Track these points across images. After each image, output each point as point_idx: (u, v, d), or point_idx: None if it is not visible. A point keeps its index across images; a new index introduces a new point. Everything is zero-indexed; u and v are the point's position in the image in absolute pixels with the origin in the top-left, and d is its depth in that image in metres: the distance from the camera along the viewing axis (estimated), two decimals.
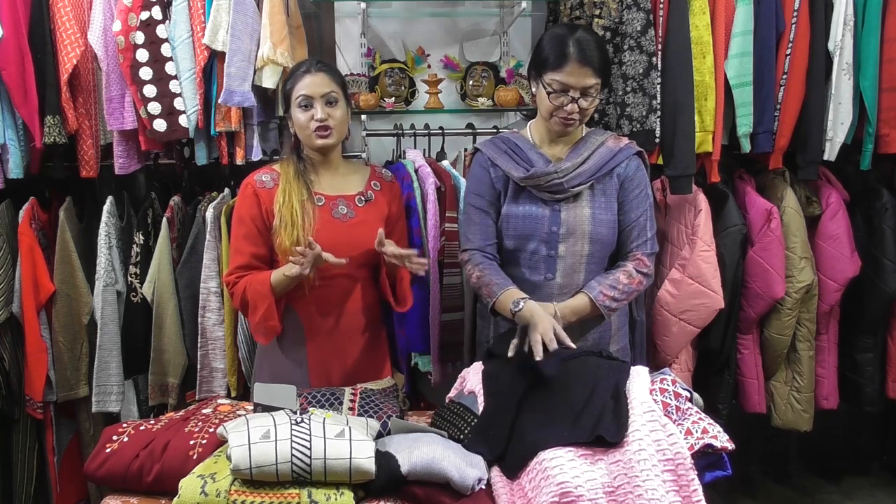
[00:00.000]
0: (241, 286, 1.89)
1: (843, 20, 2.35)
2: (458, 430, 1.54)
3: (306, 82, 1.88)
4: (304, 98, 1.88)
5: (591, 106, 1.82)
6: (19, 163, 2.27)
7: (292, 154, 1.97)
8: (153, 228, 2.44)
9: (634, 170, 1.90)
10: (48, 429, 2.51)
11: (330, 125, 1.89)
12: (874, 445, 3.19)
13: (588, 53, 1.77)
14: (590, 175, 1.86)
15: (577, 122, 1.84)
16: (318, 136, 1.89)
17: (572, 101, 1.79)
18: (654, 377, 1.54)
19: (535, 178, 1.86)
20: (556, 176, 1.85)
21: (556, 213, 1.87)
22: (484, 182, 1.96)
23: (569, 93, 1.79)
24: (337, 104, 1.90)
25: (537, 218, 1.88)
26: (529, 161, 1.90)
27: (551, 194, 1.87)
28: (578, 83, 1.77)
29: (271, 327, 1.89)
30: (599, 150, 1.88)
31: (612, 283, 1.85)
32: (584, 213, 1.87)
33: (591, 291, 1.84)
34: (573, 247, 1.87)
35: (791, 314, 2.49)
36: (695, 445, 1.37)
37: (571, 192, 1.85)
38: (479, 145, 2.03)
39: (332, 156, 1.98)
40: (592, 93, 1.80)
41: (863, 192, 2.61)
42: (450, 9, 2.99)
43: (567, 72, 1.77)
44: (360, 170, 2.07)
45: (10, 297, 2.36)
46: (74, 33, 2.20)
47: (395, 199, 2.08)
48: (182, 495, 1.32)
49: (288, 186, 1.90)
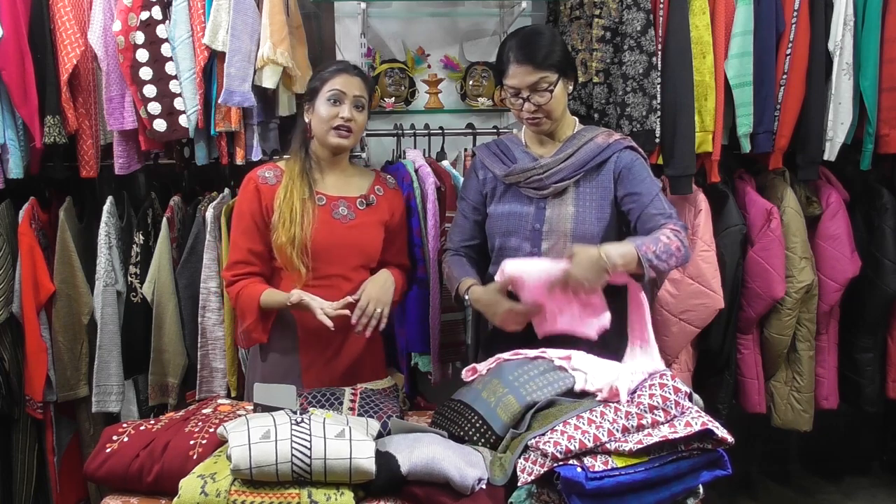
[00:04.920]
0: (236, 290, 1.91)
1: (843, 20, 2.35)
2: (458, 428, 1.54)
3: (342, 79, 1.89)
4: (337, 93, 1.87)
5: (548, 101, 1.80)
6: (19, 163, 2.27)
7: (300, 150, 1.97)
8: (153, 228, 2.44)
9: (630, 161, 1.84)
10: (48, 429, 2.51)
11: (352, 128, 1.89)
12: (874, 445, 3.18)
13: (526, 51, 1.78)
14: (573, 170, 1.84)
15: (543, 119, 1.83)
16: (337, 135, 1.89)
17: (524, 101, 1.81)
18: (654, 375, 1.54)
19: (515, 175, 1.87)
20: (535, 172, 1.85)
21: (541, 211, 1.87)
22: (471, 186, 2.00)
23: (520, 94, 1.81)
24: (363, 110, 1.92)
25: (521, 215, 1.88)
26: (515, 160, 1.91)
27: (535, 191, 1.87)
28: (523, 82, 1.79)
29: (254, 338, 1.93)
30: (586, 147, 1.86)
31: (653, 239, 1.68)
32: (567, 210, 1.85)
33: (633, 241, 1.67)
34: (556, 244, 1.85)
35: (791, 314, 2.49)
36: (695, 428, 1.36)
37: (554, 187, 1.84)
38: (475, 149, 2.05)
39: (339, 157, 1.98)
40: (542, 87, 1.79)
41: (863, 192, 2.61)
42: (450, 9, 2.99)
43: (510, 74, 1.81)
44: (365, 174, 2.07)
45: (10, 297, 2.36)
46: (74, 33, 2.20)
47: (397, 206, 2.07)
48: (182, 495, 1.31)
49: (290, 184, 1.90)
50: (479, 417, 1.54)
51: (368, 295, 1.88)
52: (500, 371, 1.62)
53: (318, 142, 1.95)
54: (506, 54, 1.83)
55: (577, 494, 1.29)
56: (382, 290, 1.91)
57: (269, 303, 1.88)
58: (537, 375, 1.58)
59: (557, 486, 1.32)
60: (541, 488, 1.35)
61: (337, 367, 1.96)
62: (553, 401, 1.52)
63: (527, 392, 1.54)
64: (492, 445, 1.50)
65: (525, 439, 1.40)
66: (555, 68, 1.80)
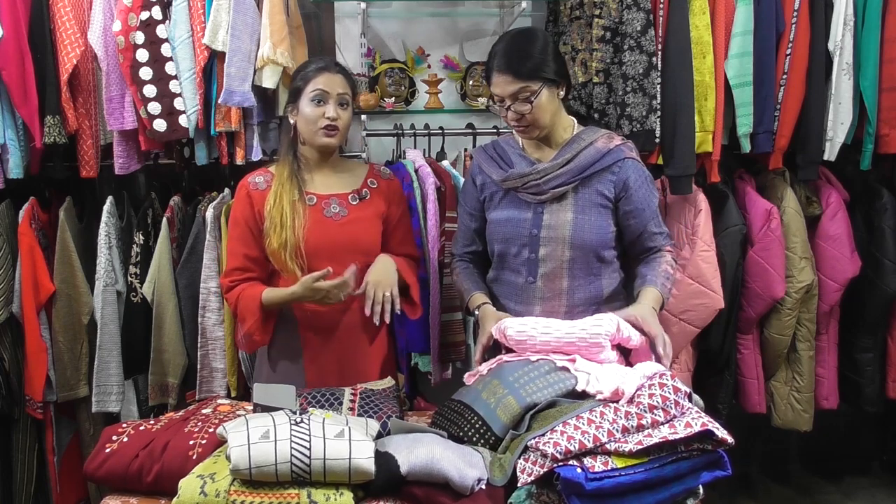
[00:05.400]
0: (235, 295, 1.91)
1: (843, 20, 2.35)
2: (458, 429, 1.54)
3: (324, 78, 1.88)
4: (320, 93, 1.87)
5: (530, 110, 1.77)
6: (19, 163, 2.27)
7: (289, 152, 1.96)
8: (153, 228, 2.44)
9: (634, 174, 1.83)
10: (48, 429, 2.51)
11: (339, 126, 1.89)
12: (874, 445, 3.18)
13: (506, 60, 1.76)
14: (572, 176, 1.81)
15: (529, 126, 1.81)
16: (325, 135, 1.88)
17: (506, 110, 1.80)
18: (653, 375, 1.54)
19: (512, 180, 1.85)
20: (532, 177, 1.83)
21: (539, 216, 1.85)
22: (468, 190, 2.01)
23: (503, 103, 1.80)
24: (347, 107, 1.91)
25: (519, 221, 1.87)
26: (512, 165, 1.89)
27: (533, 196, 1.85)
28: (504, 91, 1.78)
29: (256, 341, 1.92)
30: (586, 151, 1.82)
31: (665, 275, 1.83)
32: (565, 217, 1.83)
33: (654, 286, 1.80)
34: (554, 251, 1.83)
35: (791, 314, 2.49)
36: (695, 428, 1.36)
37: (552, 192, 1.82)
38: (472, 152, 2.04)
39: (328, 155, 1.97)
40: (523, 96, 1.76)
41: (863, 192, 2.61)
42: (450, 9, 2.99)
43: (493, 83, 1.80)
44: (357, 168, 2.05)
45: (10, 297, 2.36)
46: (74, 33, 2.20)
47: (394, 197, 2.03)
48: (182, 495, 1.31)
49: (280, 188, 1.89)
50: (478, 418, 1.54)
51: (372, 282, 1.86)
52: (501, 372, 1.62)
53: (306, 142, 1.94)
54: (490, 61, 1.81)
55: (576, 495, 1.29)
56: (384, 273, 1.89)
57: (271, 299, 1.87)
58: (538, 377, 1.58)
59: (557, 487, 1.32)
60: (540, 489, 1.35)
61: (342, 366, 1.95)
62: (553, 402, 1.52)
63: (527, 393, 1.53)
64: (491, 447, 1.50)
65: (525, 440, 1.40)
66: (538, 78, 1.75)
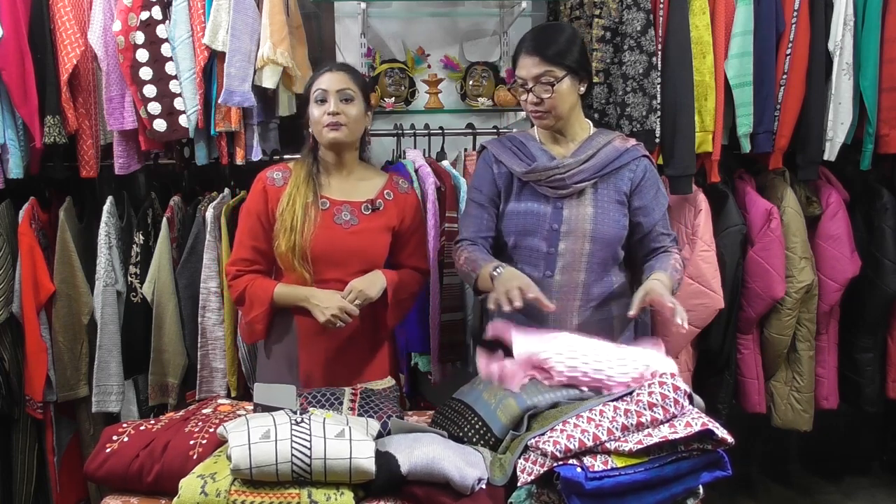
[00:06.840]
0: (244, 282, 1.92)
1: (843, 20, 2.35)
2: (458, 429, 1.54)
3: (325, 78, 1.89)
4: (321, 92, 1.88)
5: (551, 95, 1.79)
6: (19, 163, 2.27)
7: (309, 155, 1.96)
8: (153, 228, 2.44)
9: (647, 172, 1.89)
10: (48, 429, 2.51)
11: (342, 121, 1.87)
12: (874, 445, 3.18)
13: (538, 42, 1.79)
14: (593, 172, 1.85)
15: (546, 112, 1.82)
16: (329, 130, 1.87)
17: (528, 92, 1.81)
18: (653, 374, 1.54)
19: (537, 173, 1.86)
20: (557, 171, 1.84)
21: (559, 211, 1.86)
22: (485, 178, 1.96)
23: (526, 85, 1.81)
24: (352, 102, 1.89)
25: (539, 214, 1.88)
26: (533, 157, 1.90)
27: (554, 190, 1.86)
28: (528, 73, 1.79)
29: (257, 331, 1.94)
30: (605, 149, 1.87)
31: (675, 266, 1.84)
32: (586, 211, 1.86)
33: (664, 271, 1.79)
34: (573, 245, 1.86)
35: (791, 314, 2.49)
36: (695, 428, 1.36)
37: (574, 188, 1.84)
38: (485, 143, 2.03)
39: (345, 158, 1.95)
40: (546, 80, 1.78)
41: (863, 192, 2.61)
42: (450, 9, 2.99)
43: (519, 65, 1.82)
44: (376, 178, 2.02)
45: (10, 297, 2.36)
46: (74, 33, 2.20)
47: (409, 211, 2.01)
48: (182, 495, 1.31)
49: (294, 190, 1.90)
50: (479, 419, 1.54)
51: (352, 285, 1.87)
52: None
53: (319, 142, 1.94)
54: (520, 45, 1.84)
55: (576, 494, 1.29)
56: (367, 283, 1.89)
57: (282, 296, 1.89)
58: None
59: (557, 487, 1.32)
60: (541, 488, 1.35)
61: (339, 367, 1.95)
62: (555, 403, 1.52)
63: (528, 395, 1.53)
64: (491, 447, 1.50)
65: (525, 439, 1.40)
66: (563, 65, 1.79)
